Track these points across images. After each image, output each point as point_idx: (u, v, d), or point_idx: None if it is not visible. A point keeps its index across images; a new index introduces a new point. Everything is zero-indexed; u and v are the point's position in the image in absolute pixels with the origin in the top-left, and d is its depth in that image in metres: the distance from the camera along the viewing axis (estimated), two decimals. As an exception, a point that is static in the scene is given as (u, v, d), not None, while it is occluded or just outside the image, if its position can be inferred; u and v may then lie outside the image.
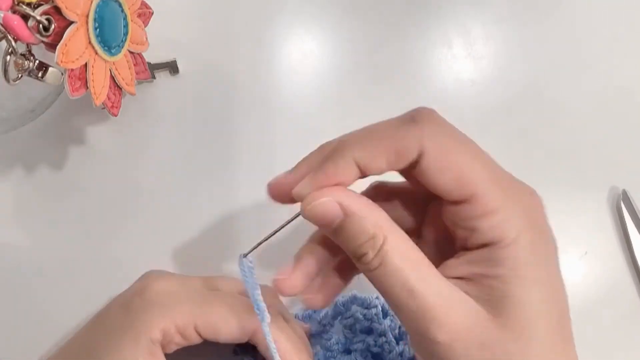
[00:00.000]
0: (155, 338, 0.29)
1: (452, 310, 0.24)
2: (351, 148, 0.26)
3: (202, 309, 0.30)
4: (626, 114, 0.44)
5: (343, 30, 0.45)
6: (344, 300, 0.38)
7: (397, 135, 0.26)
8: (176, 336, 0.30)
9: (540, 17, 0.45)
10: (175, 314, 0.30)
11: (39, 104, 0.39)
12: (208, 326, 0.30)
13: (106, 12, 0.33)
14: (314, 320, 0.39)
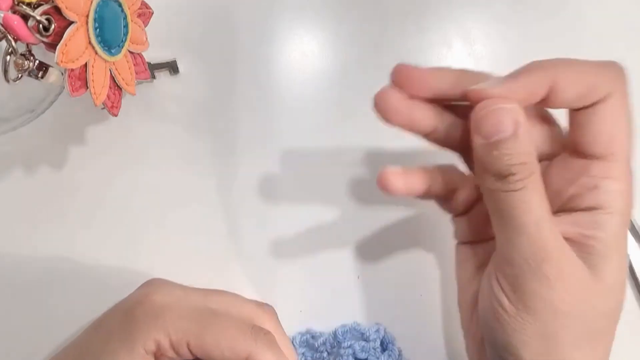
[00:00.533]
0: (150, 349, 0.30)
1: (563, 256, 0.27)
2: (555, 67, 0.27)
3: (197, 328, 0.30)
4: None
5: (343, 30, 0.45)
6: (343, 330, 0.38)
7: (598, 72, 0.27)
8: (169, 351, 0.30)
9: (541, 17, 0.45)
10: (170, 329, 0.30)
11: (39, 104, 0.39)
12: (201, 346, 0.30)
13: (106, 12, 0.33)
14: (311, 346, 0.39)
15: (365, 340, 0.38)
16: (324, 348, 0.38)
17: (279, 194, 0.42)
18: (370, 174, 0.42)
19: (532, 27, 0.45)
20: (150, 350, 0.30)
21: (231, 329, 0.31)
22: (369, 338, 0.38)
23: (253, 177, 0.42)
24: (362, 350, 0.37)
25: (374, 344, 0.38)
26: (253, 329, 0.31)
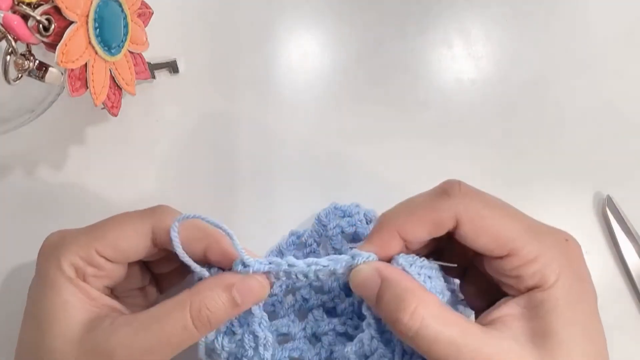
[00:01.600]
0: (70, 273, 0.30)
1: (501, 354, 0.27)
2: (393, 221, 0.30)
3: (95, 232, 0.31)
4: (625, 113, 0.44)
5: (343, 30, 0.45)
6: (325, 212, 0.38)
7: (434, 208, 0.30)
8: (88, 268, 0.30)
9: (541, 17, 0.45)
10: (73, 246, 0.30)
11: (39, 104, 0.39)
12: (108, 246, 0.30)
13: (106, 12, 0.33)
14: (299, 245, 0.39)
15: (349, 216, 0.38)
16: (312, 240, 0.39)
17: (279, 194, 0.42)
18: (370, 174, 0.42)
19: (532, 27, 0.45)
20: (72, 275, 0.30)
21: (125, 217, 0.31)
22: (351, 213, 0.38)
23: (253, 177, 0.42)
24: (349, 225, 0.38)
25: (359, 216, 0.38)
26: (146, 210, 0.32)
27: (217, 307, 0.29)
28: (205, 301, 0.29)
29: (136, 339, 0.28)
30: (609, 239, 0.42)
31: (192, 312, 0.29)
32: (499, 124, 0.44)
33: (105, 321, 0.29)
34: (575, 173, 0.43)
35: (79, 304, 0.30)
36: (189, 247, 0.31)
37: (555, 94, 0.44)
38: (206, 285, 0.30)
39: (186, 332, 0.29)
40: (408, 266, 0.30)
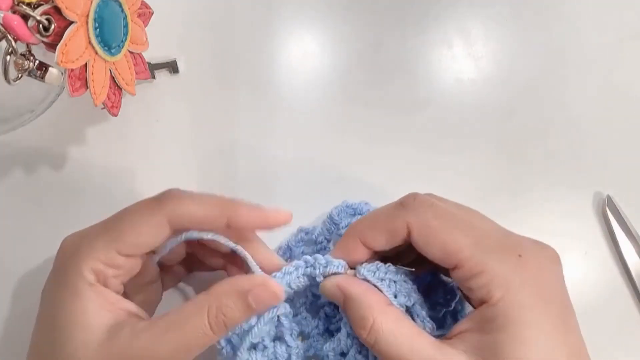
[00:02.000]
0: (91, 279, 0.30)
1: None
2: (356, 230, 0.33)
3: (112, 232, 0.31)
4: (625, 113, 0.44)
5: (343, 30, 0.45)
6: (337, 210, 0.39)
7: (390, 218, 0.32)
8: (109, 270, 0.30)
9: (541, 17, 0.45)
10: (93, 251, 0.30)
11: (39, 104, 0.39)
12: (128, 244, 0.31)
13: (106, 12, 0.33)
14: (309, 241, 0.39)
15: (359, 214, 0.39)
16: (323, 238, 0.39)
17: (279, 194, 0.42)
18: (370, 173, 0.42)
19: (532, 26, 0.45)
20: (93, 280, 0.30)
21: (139, 211, 0.31)
22: (362, 211, 0.39)
23: (253, 176, 0.42)
24: None
25: None
26: (159, 200, 0.32)
27: (234, 313, 0.30)
28: (222, 308, 0.30)
29: (158, 345, 0.29)
30: (609, 239, 0.42)
31: (210, 317, 0.29)
32: (499, 124, 0.44)
33: (125, 328, 0.29)
34: (575, 173, 0.43)
35: (98, 310, 0.30)
36: (209, 226, 0.32)
37: (555, 93, 0.44)
38: (223, 289, 0.30)
39: (205, 337, 0.29)
40: (371, 275, 0.32)
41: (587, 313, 0.41)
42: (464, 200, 0.42)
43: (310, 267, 0.33)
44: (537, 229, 0.42)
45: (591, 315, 0.41)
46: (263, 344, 0.34)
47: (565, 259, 0.42)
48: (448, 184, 0.43)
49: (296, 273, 0.33)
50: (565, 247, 0.42)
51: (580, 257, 0.42)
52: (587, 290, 0.42)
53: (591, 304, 0.41)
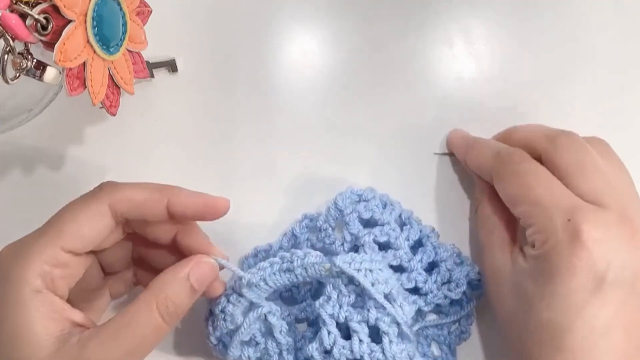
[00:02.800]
0: (37, 285, 0.29)
1: None
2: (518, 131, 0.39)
3: (53, 230, 0.30)
4: (625, 113, 0.44)
5: (343, 29, 0.45)
6: (342, 197, 0.39)
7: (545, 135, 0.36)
8: (55, 270, 0.30)
9: (541, 16, 0.45)
10: (36, 254, 0.30)
11: (37, 103, 0.39)
12: (73, 238, 0.30)
13: (105, 11, 0.33)
14: (313, 228, 0.40)
15: (365, 201, 0.39)
16: (327, 225, 0.39)
17: (279, 193, 0.42)
18: (370, 173, 0.42)
19: (533, 26, 0.45)
20: (40, 286, 0.29)
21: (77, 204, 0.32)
22: (367, 198, 0.39)
23: (253, 176, 0.42)
24: (366, 210, 0.38)
25: (375, 201, 0.39)
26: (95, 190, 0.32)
27: (181, 298, 0.30)
28: (170, 297, 0.30)
29: (108, 350, 0.28)
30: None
31: (160, 310, 0.30)
32: (500, 123, 0.43)
33: (72, 338, 0.29)
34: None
35: (44, 320, 0.29)
36: (150, 210, 0.32)
37: (556, 93, 0.44)
38: (164, 279, 0.31)
39: (159, 330, 0.30)
40: (346, 266, 0.32)
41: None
42: (464, 199, 0.42)
43: (287, 262, 0.33)
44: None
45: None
46: (255, 340, 0.35)
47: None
48: (448, 184, 0.43)
49: (271, 269, 0.33)
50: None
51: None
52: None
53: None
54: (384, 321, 0.33)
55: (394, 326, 0.33)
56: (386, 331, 0.33)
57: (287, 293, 0.39)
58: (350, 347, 0.33)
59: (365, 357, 0.33)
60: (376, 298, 0.32)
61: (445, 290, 0.38)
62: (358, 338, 0.33)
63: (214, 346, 0.36)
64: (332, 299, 0.33)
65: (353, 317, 0.33)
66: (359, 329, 0.33)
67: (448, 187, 0.43)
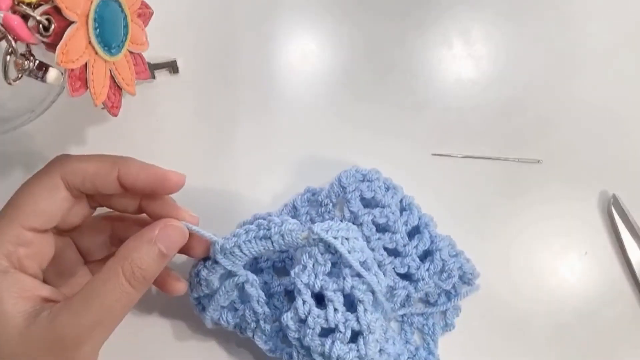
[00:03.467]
0: (3, 266, 0.29)
1: None
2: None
3: (10, 210, 0.30)
4: (625, 113, 0.44)
5: (343, 30, 0.45)
6: (346, 174, 0.39)
7: None
8: (20, 249, 0.30)
9: (540, 17, 0.45)
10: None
11: (39, 104, 0.39)
12: (31, 214, 0.30)
13: (106, 12, 0.33)
14: (314, 202, 0.40)
15: (369, 181, 0.39)
16: (329, 200, 0.39)
17: (278, 194, 0.42)
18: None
19: (532, 27, 0.45)
20: (6, 267, 0.29)
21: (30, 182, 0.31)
22: (371, 178, 0.39)
23: (253, 176, 0.42)
24: (369, 190, 0.38)
25: (378, 182, 0.39)
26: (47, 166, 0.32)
27: (148, 263, 0.30)
28: (136, 262, 0.30)
29: (79, 319, 0.28)
30: (614, 238, 0.42)
31: (126, 276, 0.29)
32: (499, 124, 0.44)
33: (43, 312, 0.29)
34: (580, 172, 0.43)
35: (14, 299, 0.29)
36: (101, 181, 0.31)
37: (556, 93, 0.44)
38: (131, 246, 0.30)
39: (127, 296, 0.30)
40: (324, 233, 0.32)
41: (591, 312, 0.41)
42: (464, 199, 0.43)
43: (264, 230, 0.33)
44: (541, 229, 0.42)
45: (595, 314, 0.41)
46: (234, 305, 0.35)
47: (569, 258, 0.42)
48: (448, 184, 0.43)
49: (246, 236, 0.33)
50: (569, 246, 0.42)
51: (584, 256, 0.42)
52: (591, 290, 0.42)
53: (595, 303, 0.41)
54: (359, 289, 0.33)
55: (369, 294, 0.33)
56: (361, 299, 0.33)
57: (280, 264, 0.39)
58: (325, 316, 0.32)
59: (340, 326, 0.32)
60: (353, 265, 0.32)
61: (436, 279, 0.38)
62: (333, 307, 0.33)
63: (195, 306, 0.36)
64: (308, 268, 0.33)
65: (329, 286, 0.33)
66: (334, 298, 0.33)
67: (446, 188, 0.43)
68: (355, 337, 0.33)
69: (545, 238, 0.42)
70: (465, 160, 0.43)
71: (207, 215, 0.41)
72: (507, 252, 0.42)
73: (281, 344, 0.37)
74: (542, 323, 0.41)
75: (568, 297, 0.42)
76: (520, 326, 0.41)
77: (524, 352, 0.41)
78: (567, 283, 0.42)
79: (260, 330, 0.36)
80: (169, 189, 0.33)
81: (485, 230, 0.42)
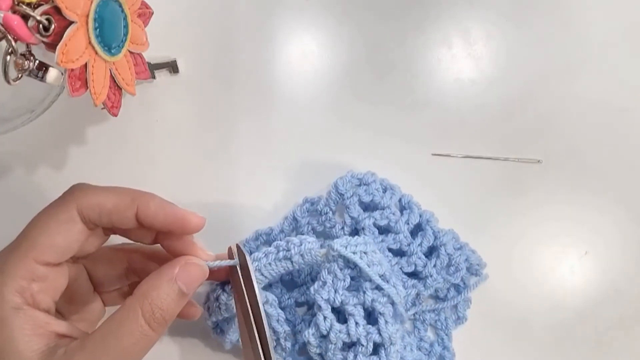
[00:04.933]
0: (16, 303, 0.28)
1: None
2: None
3: (25, 243, 0.29)
4: (624, 113, 0.44)
5: (343, 30, 0.45)
6: (342, 180, 0.39)
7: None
8: (33, 285, 0.29)
9: (540, 17, 0.45)
10: (10, 269, 0.28)
11: (39, 104, 0.39)
12: (45, 248, 0.29)
13: (106, 12, 0.33)
14: (313, 212, 0.40)
15: (365, 184, 0.39)
16: (328, 209, 0.39)
17: (278, 194, 0.42)
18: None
19: (532, 27, 0.45)
20: (19, 303, 0.28)
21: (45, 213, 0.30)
22: (368, 182, 0.39)
23: (253, 176, 0.42)
24: (367, 194, 0.38)
25: (375, 185, 0.39)
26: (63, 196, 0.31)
27: (168, 303, 0.29)
28: (155, 302, 0.28)
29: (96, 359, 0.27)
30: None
31: (145, 317, 0.28)
32: (499, 124, 0.44)
33: (58, 350, 0.28)
34: (580, 172, 0.43)
35: (28, 337, 0.28)
36: (119, 217, 0.30)
37: (556, 93, 0.44)
38: (150, 284, 0.29)
39: (146, 339, 0.28)
40: (343, 249, 0.32)
41: (591, 312, 0.41)
42: (465, 200, 0.43)
43: (283, 251, 0.33)
44: (541, 229, 0.42)
45: (595, 314, 0.41)
46: None
47: (569, 258, 0.42)
48: (448, 184, 0.43)
49: (266, 259, 0.33)
50: (569, 246, 0.42)
51: (584, 256, 0.42)
52: (591, 290, 0.42)
53: (595, 303, 0.41)
54: (380, 302, 0.33)
55: (389, 306, 0.33)
56: (382, 312, 0.33)
57: (288, 277, 0.39)
58: (346, 331, 0.33)
59: (362, 339, 0.33)
60: (373, 279, 0.32)
61: (444, 274, 0.38)
62: (354, 321, 0.33)
63: (212, 329, 0.36)
64: (328, 284, 0.33)
65: (349, 301, 0.33)
66: (355, 312, 0.33)
67: (446, 188, 0.43)
68: (376, 349, 0.33)
69: (546, 238, 0.42)
70: (465, 160, 0.43)
71: (207, 215, 0.41)
72: (508, 252, 0.42)
73: (298, 356, 0.37)
74: (542, 323, 0.41)
75: (568, 297, 0.42)
76: (520, 326, 0.41)
77: (524, 351, 0.41)
78: (567, 283, 0.42)
79: (280, 348, 0.36)
80: (188, 230, 0.31)
81: (486, 230, 0.42)
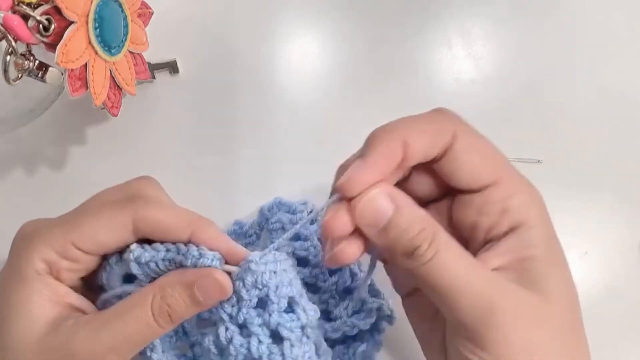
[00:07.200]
0: (41, 269, 0.29)
1: (506, 297, 0.26)
2: (399, 127, 0.29)
3: (72, 223, 0.29)
4: (624, 114, 0.44)
5: (343, 30, 0.45)
6: (269, 205, 0.38)
7: (435, 120, 0.30)
8: (62, 262, 0.29)
9: (540, 17, 0.45)
10: (47, 239, 0.29)
11: (39, 104, 0.39)
12: (86, 238, 0.29)
13: (106, 12, 0.33)
14: (240, 234, 0.39)
15: (293, 213, 0.37)
16: (252, 231, 0.38)
17: (278, 194, 0.42)
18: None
19: (531, 27, 0.45)
20: (43, 270, 0.29)
21: (104, 207, 0.30)
22: (295, 211, 0.38)
23: (253, 176, 0.42)
24: (290, 222, 0.36)
25: (301, 215, 0.37)
26: (128, 199, 0.30)
27: (178, 304, 0.28)
28: (167, 298, 0.28)
29: (98, 339, 0.28)
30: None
31: (153, 309, 0.28)
32: (499, 124, 0.43)
33: (67, 321, 0.28)
34: (581, 172, 0.43)
35: (43, 302, 0.28)
36: (171, 237, 0.30)
37: (556, 93, 0.44)
38: (168, 280, 0.29)
39: (149, 329, 0.28)
40: (253, 265, 0.29)
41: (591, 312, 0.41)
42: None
43: (181, 255, 0.30)
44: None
45: (595, 314, 0.41)
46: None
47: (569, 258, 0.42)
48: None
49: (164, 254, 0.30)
50: (569, 245, 0.42)
51: (584, 256, 0.42)
52: (591, 290, 0.42)
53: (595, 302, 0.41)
54: (286, 327, 0.30)
55: (298, 330, 0.30)
56: (287, 337, 0.30)
57: None
58: (247, 347, 0.30)
59: (264, 358, 0.30)
60: (279, 302, 0.30)
61: (354, 319, 0.35)
62: (257, 339, 0.30)
63: None
64: (232, 300, 0.30)
65: (253, 321, 0.30)
66: (260, 332, 0.30)
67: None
68: None
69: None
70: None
71: (207, 215, 0.41)
72: (507, 252, 0.42)
73: None
74: (542, 323, 0.41)
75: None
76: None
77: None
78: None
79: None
80: (232, 262, 0.31)
81: (485, 230, 0.42)
